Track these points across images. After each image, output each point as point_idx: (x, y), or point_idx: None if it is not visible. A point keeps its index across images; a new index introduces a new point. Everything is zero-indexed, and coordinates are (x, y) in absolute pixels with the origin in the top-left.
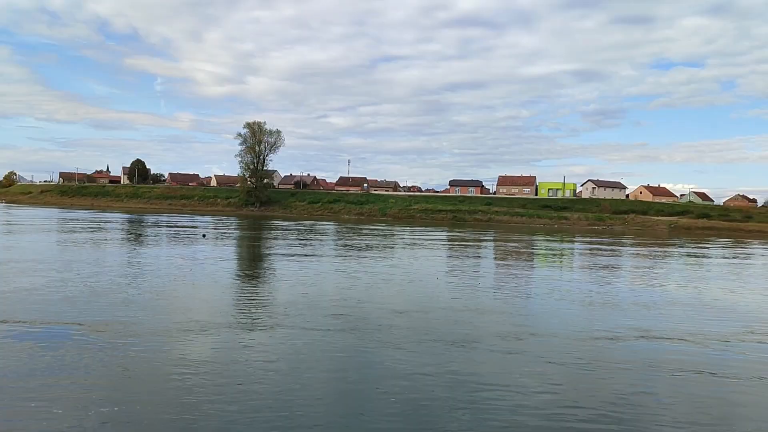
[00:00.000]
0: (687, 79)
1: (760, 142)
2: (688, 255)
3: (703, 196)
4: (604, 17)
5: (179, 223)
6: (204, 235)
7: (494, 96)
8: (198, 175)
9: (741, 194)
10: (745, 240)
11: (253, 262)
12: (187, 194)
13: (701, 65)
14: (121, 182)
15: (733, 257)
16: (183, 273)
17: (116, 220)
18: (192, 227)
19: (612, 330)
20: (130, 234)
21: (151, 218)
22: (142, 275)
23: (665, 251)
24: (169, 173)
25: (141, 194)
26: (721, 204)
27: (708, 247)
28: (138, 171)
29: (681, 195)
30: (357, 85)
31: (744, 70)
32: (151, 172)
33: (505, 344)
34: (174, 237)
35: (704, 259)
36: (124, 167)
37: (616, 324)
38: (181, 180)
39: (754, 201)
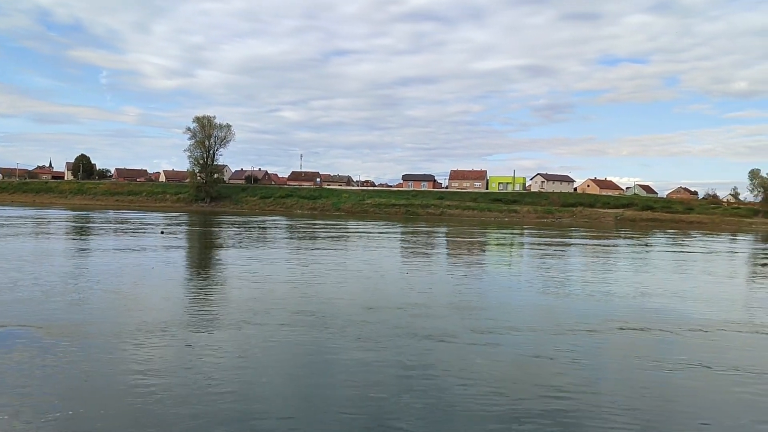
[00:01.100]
0: (632, 74)
1: (701, 136)
2: (645, 246)
3: (648, 188)
4: (553, 13)
5: (129, 220)
6: (162, 232)
7: (446, 91)
8: (146, 170)
9: (683, 187)
10: (688, 231)
11: (211, 259)
12: (134, 190)
13: (646, 61)
14: (65, 178)
15: (688, 248)
16: (140, 271)
17: (62, 217)
18: (143, 223)
19: (591, 322)
20: (79, 231)
21: (98, 215)
22: (96, 274)
23: (621, 243)
24: (116, 169)
25: (86, 190)
26: (665, 196)
27: (659, 239)
28: (83, 166)
29: (626, 188)
30: (309, 79)
31: (686, 67)
32: (97, 168)
33: (484, 338)
34: (126, 234)
35: (662, 251)
36: (68, 162)
37: (595, 316)
38: (128, 175)
39: (695, 193)
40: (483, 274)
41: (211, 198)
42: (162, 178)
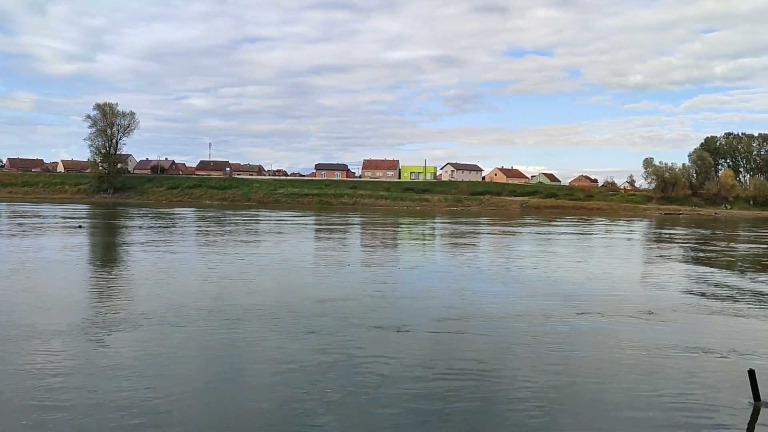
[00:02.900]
0: (537, 66)
1: (601, 126)
2: (560, 234)
3: (551, 177)
4: (464, 5)
5: (30, 213)
6: (80, 226)
7: (359, 80)
8: (42, 160)
9: (584, 175)
10: (590, 216)
11: (134, 254)
12: (29, 181)
13: (550, 54)
14: None
15: (605, 234)
16: (57, 268)
17: None
18: (47, 216)
19: (547, 309)
20: None
21: None
22: (5, 273)
23: (546, 231)
24: (8, 158)
25: None
26: (567, 184)
27: (578, 226)
28: None
29: (532, 176)
30: (219, 66)
31: (586, 60)
32: None
33: (443, 326)
34: (33, 228)
35: (580, 237)
36: None
37: (552, 303)
38: (22, 165)
39: (596, 181)
40: (425, 263)
41: (115, 189)
42: (60, 168)
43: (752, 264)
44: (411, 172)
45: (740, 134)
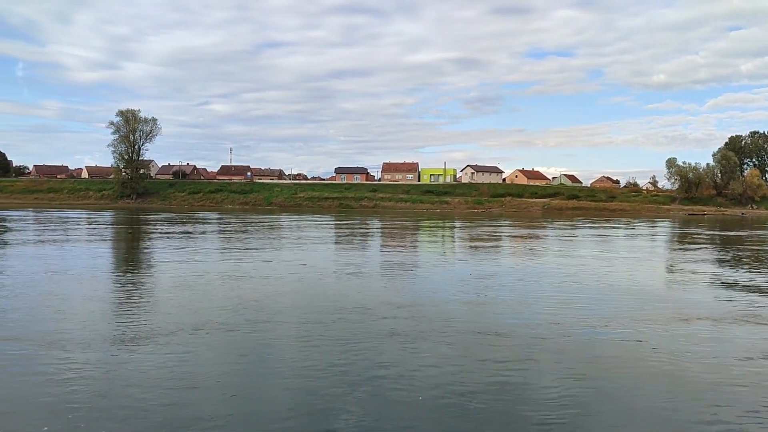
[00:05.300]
0: (559, 67)
1: (623, 127)
2: (581, 236)
3: (573, 178)
4: (483, 7)
5: (68, 218)
6: (131, 232)
7: (380, 83)
8: (67, 166)
9: (606, 176)
10: (613, 218)
11: (162, 260)
12: (55, 187)
13: (571, 55)
14: None
15: (630, 237)
16: (82, 276)
17: None
18: (63, 221)
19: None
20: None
21: (16, 214)
22: (30, 280)
23: (571, 234)
24: (35, 165)
25: (2, 188)
26: (589, 185)
27: (606, 228)
28: None
29: (553, 178)
30: (240, 72)
31: (608, 60)
32: (14, 165)
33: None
34: (76, 233)
35: (610, 241)
36: None
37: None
38: (48, 172)
39: (617, 182)
40: (492, 271)
41: (138, 194)
42: (84, 175)
43: None
44: (430, 175)
45: (766, 133)
